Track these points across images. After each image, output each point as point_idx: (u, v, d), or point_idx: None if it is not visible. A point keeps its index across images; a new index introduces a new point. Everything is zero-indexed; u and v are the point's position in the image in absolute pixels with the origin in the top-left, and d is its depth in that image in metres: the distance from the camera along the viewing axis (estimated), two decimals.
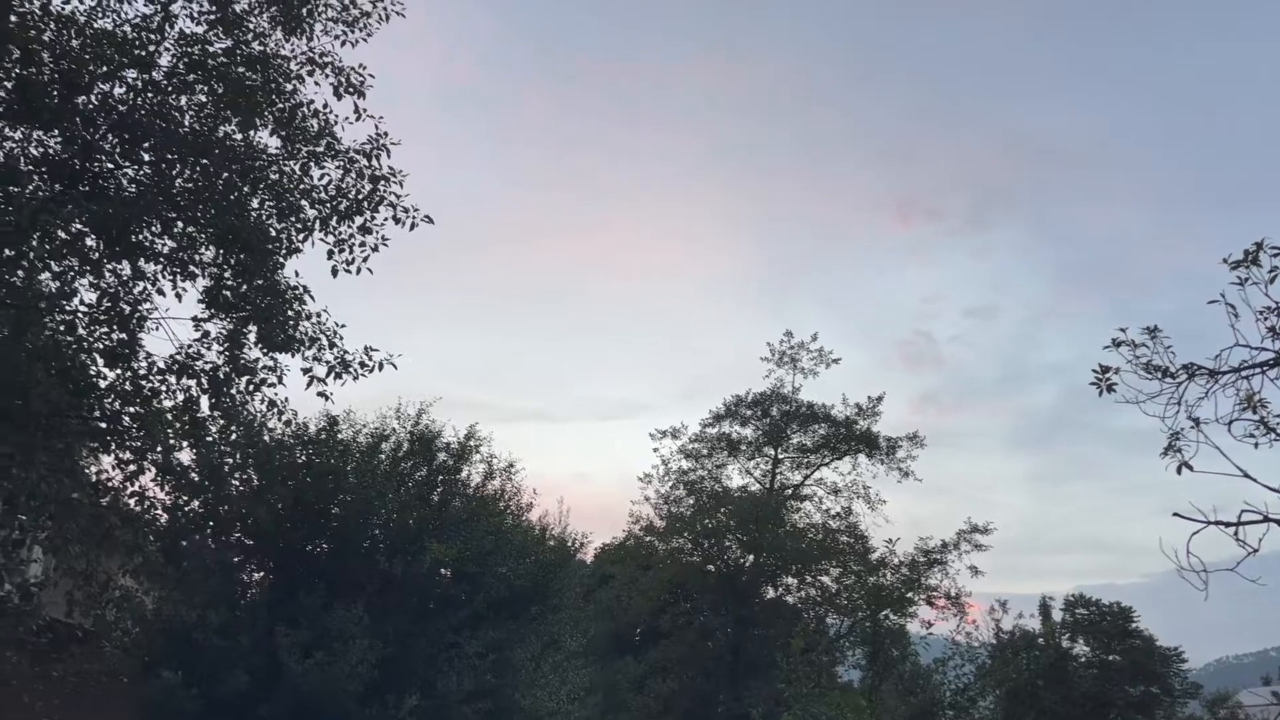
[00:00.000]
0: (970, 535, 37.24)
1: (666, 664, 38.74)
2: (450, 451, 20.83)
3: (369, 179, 14.26)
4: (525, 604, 20.23)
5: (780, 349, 41.41)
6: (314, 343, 14.06)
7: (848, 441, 40.52)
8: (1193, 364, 8.62)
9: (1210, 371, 8.62)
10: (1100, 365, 8.78)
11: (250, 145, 13.79)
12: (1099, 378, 8.80)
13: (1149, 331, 8.72)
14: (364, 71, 14.10)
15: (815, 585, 39.53)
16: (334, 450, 19.40)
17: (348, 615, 17.29)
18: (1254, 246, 8.26)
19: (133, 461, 13.22)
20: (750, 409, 41.81)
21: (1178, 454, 8.59)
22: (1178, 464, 8.56)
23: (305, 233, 14.21)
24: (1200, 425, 8.62)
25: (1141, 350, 8.73)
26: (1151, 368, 8.67)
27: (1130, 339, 8.75)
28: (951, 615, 36.12)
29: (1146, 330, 8.75)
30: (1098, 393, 8.83)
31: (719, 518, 39.22)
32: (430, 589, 19.01)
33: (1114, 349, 8.77)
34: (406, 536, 19.04)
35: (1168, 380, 8.68)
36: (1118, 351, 8.77)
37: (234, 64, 13.32)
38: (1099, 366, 8.78)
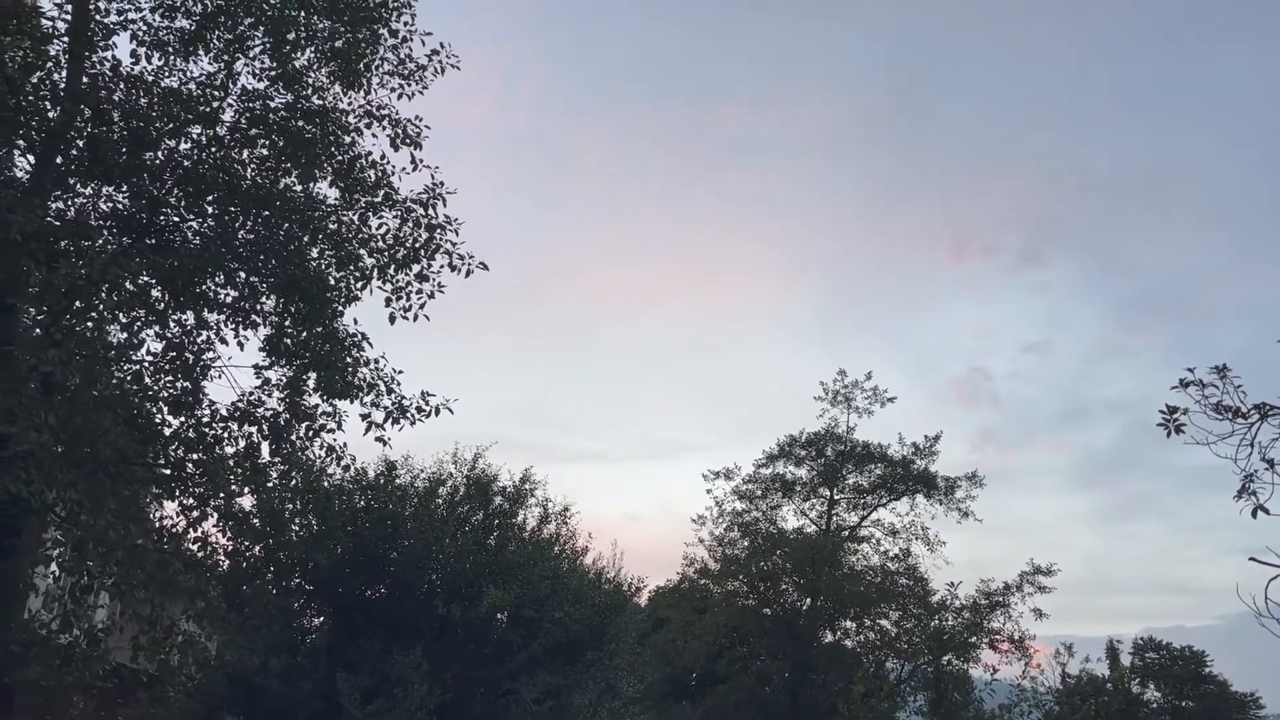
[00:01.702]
0: (1033, 576, 36.32)
1: (724, 710, 38.16)
2: (506, 495, 20.91)
3: (425, 227, 14.49)
4: (582, 649, 20.09)
5: (834, 388, 41.08)
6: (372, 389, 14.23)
7: (905, 482, 39.90)
8: (1265, 404, 8.35)
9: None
10: (1167, 406, 8.54)
11: (310, 196, 14.11)
12: (1166, 419, 8.56)
13: (1217, 371, 8.48)
14: (420, 123, 14.42)
15: (874, 629, 38.76)
16: (392, 495, 19.56)
17: (407, 661, 17.31)
18: None
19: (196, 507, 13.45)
20: (804, 449, 41.41)
21: (1252, 496, 8.32)
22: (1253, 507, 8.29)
23: (363, 281, 14.46)
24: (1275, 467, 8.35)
25: (1210, 390, 8.49)
26: (1221, 408, 8.41)
27: (1198, 379, 8.51)
28: (1015, 659, 35.20)
29: (1215, 370, 8.50)
30: (1165, 434, 8.59)
31: (775, 560, 38.74)
32: (488, 634, 18.97)
33: (1182, 389, 8.54)
34: (464, 581, 19.06)
35: (1239, 421, 8.42)
36: (1185, 392, 8.53)
37: (294, 118, 13.67)
38: (1166, 407, 8.54)
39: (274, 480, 14.64)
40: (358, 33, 13.60)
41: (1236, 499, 8.34)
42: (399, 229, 14.46)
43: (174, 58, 13.21)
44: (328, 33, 13.57)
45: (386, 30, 13.95)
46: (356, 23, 13.56)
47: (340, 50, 13.65)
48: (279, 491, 15.49)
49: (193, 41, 13.11)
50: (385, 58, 14.19)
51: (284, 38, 13.23)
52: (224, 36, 13.23)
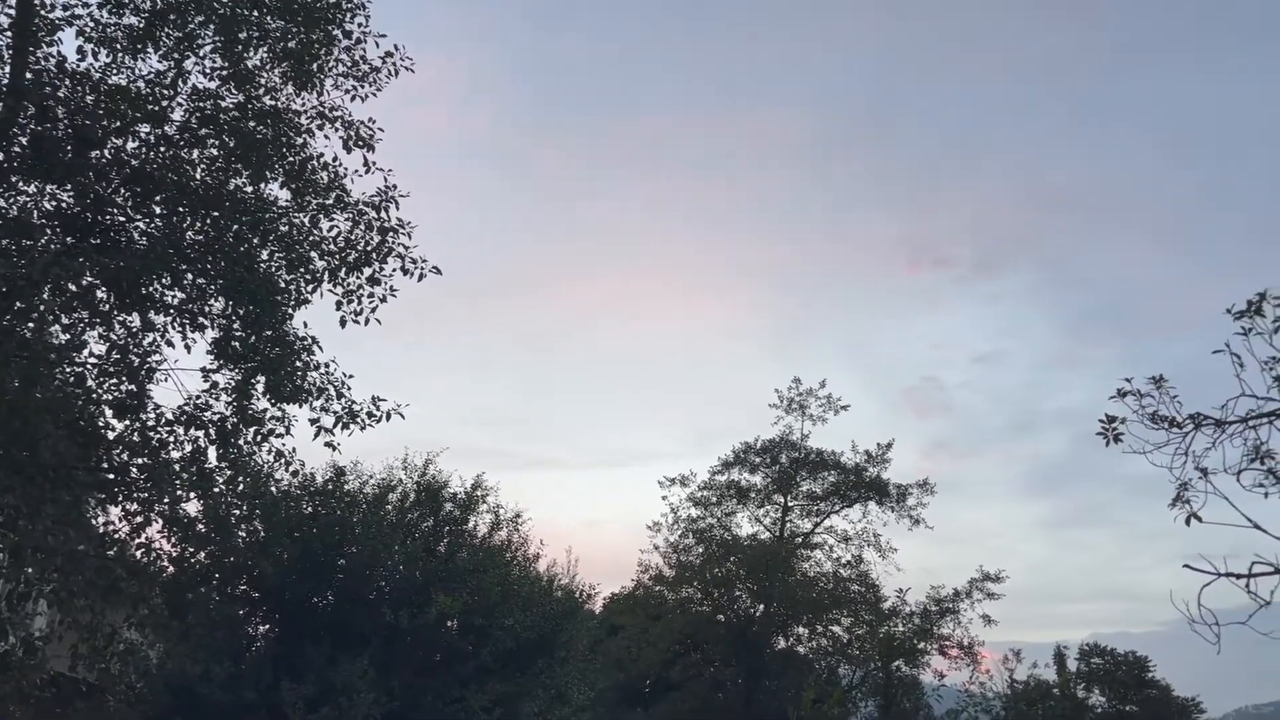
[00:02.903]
0: (982, 583, 36.86)
1: (677, 716, 38.21)
2: (457, 502, 20.78)
3: (378, 231, 14.39)
4: (532, 656, 20.02)
5: (789, 395, 41.42)
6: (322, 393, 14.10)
7: (858, 489, 40.29)
8: (1199, 414, 8.56)
9: (1217, 421, 8.56)
10: (1106, 415, 8.73)
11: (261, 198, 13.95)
12: (1105, 428, 8.75)
13: (1154, 381, 8.68)
14: (373, 125, 14.33)
15: (827, 635, 39.06)
16: (340, 501, 19.36)
17: (353, 668, 17.14)
18: (1257, 297, 8.24)
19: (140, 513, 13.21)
20: (759, 456, 41.67)
21: (1186, 505, 8.51)
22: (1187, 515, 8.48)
23: (314, 284, 14.32)
24: (1209, 475, 8.55)
25: (1147, 400, 8.69)
26: (1158, 418, 8.62)
27: (1136, 389, 8.71)
28: (964, 665, 35.65)
29: (1152, 380, 8.71)
30: (1104, 443, 8.77)
31: (729, 566, 38.90)
32: (436, 642, 18.83)
33: (1119, 399, 8.73)
34: (413, 588, 18.91)
35: (1174, 430, 8.62)
36: (1123, 401, 8.73)
37: (245, 118, 13.53)
38: (1105, 417, 8.73)
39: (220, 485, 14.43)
40: (311, 33, 13.49)
41: (1171, 507, 8.54)
42: (351, 232, 14.34)
43: (122, 55, 13.01)
44: (280, 32, 13.45)
45: (340, 31, 13.85)
46: (310, 23, 13.45)
47: (293, 50, 13.53)
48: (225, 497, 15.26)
49: (141, 39, 12.92)
50: (339, 59, 14.08)
51: (235, 37, 13.08)
52: (174, 34, 13.05)
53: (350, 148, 14.24)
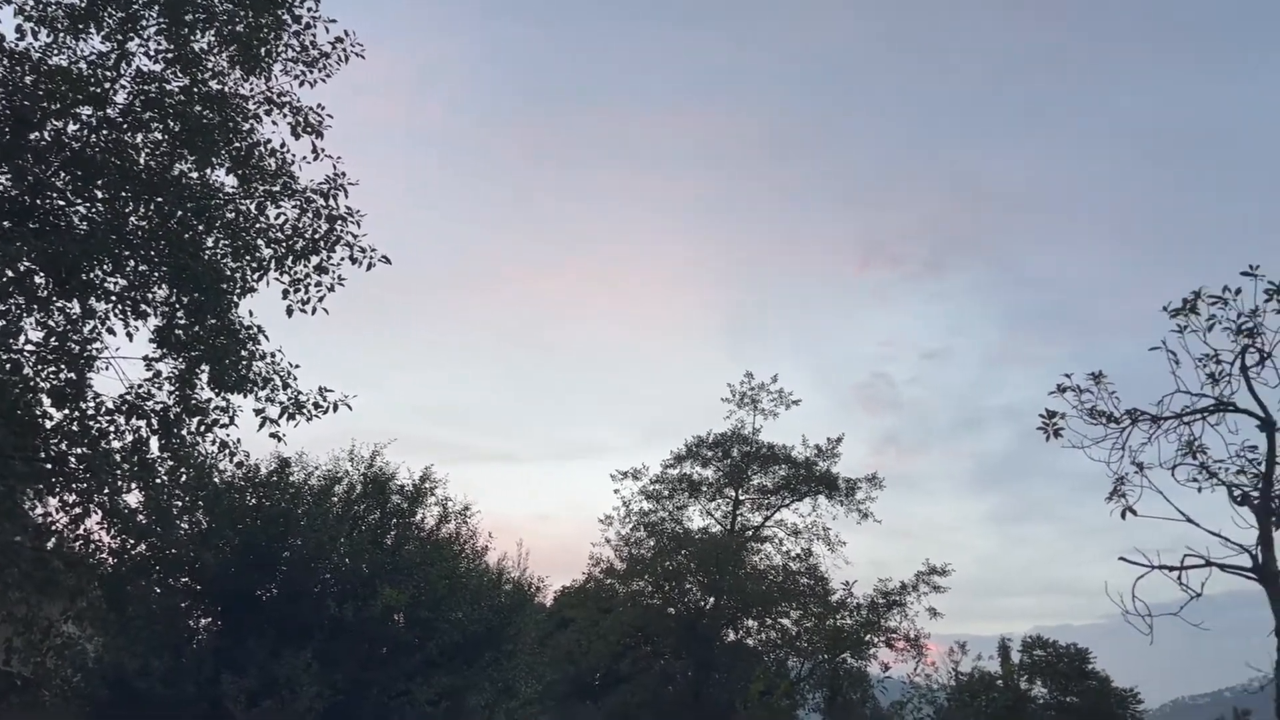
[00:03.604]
0: (929, 577, 37.34)
1: (626, 709, 38.27)
2: (404, 494, 20.58)
3: (326, 218, 14.24)
4: (479, 650, 19.90)
5: (741, 390, 41.59)
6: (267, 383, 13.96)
7: (808, 483, 40.59)
8: (1136, 410, 8.78)
9: (1153, 417, 8.78)
10: (1046, 410, 8.92)
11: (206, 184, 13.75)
12: (1045, 423, 8.93)
13: (1093, 377, 8.88)
14: (322, 111, 14.15)
15: (776, 628, 39.35)
16: (285, 493, 19.10)
17: (296, 662, 16.92)
18: (1192, 295, 8.45)
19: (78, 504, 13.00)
20: (711, 450, 41.81)
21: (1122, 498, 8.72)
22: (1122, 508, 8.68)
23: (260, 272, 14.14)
24: (1144, 470, 8.77)
25: (1086, 396, 8.88)
26: (1096, 413, 8.82)
27: (1075, 385, 8.90)
28: (910, 657, 36.12)
29: (1091, 376, 8.91)
30: (1044, 438, 8.95)
31: (680, 559, 39.02)
32: (382, 635, 18.67)
33: (1059, 395, 8.91)
34: (358, 581, 18.71)
35: (1112, 426, 8.82)
36: (1063, 397, 8.91)
37: (191, 102, 13.28)
38: (1045, 412, 8.91)
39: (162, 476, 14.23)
40: (259, 16, 13.27)
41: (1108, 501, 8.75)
42: (298, 219, 14.18)
43: (63, 35, 12.70)
44: (228, 15, 13.22)
45: (289, 15, 13.63)
46: (258, 6, 13.23)
47: (241, 34, 13.30)
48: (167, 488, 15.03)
49: (83, 19, 12.62)
50: (288, 44, 13.87)
51: (181, 19, 12.83)
52: (116, 14, 12.77)
53: (299, 134, 14.06)
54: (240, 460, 14.54)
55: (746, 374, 41.65)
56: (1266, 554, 8.14)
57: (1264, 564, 8.12)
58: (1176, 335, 8.55)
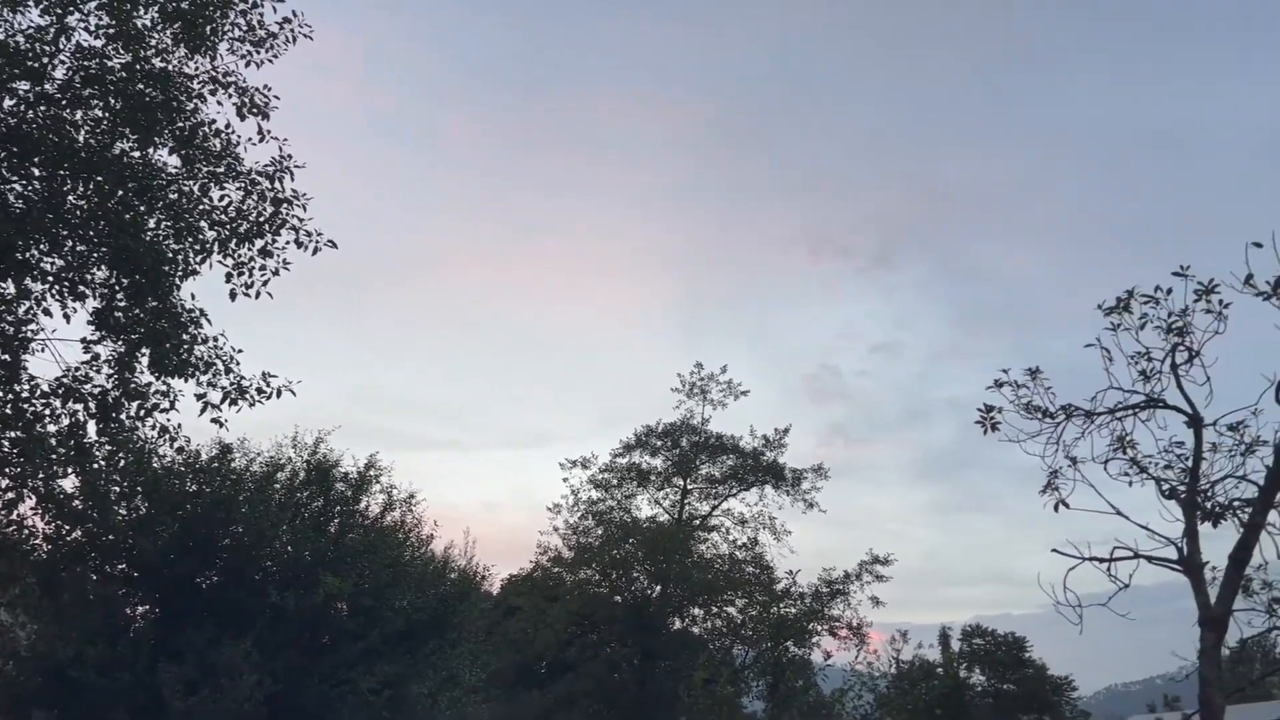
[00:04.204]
0: (872, 566, 37.81)
1: (572, 697, 38.31)
2: (349, 482, 20.38)
3: (271, 201, 14.07)
4: (423, 638, 19.82)
5: (690, 380, 41.68)
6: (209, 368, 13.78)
7: (755, 473, 40.84)
8: (1070, 405, 8.97)
9: (1086, 413, 8.99)
10: (984, 405, 9.09)
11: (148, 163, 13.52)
12: (983, 417, 9.10)
13: (1030, 373, 9.07)
14: (269, 92, 13.96)
15: (721, 616, 39.61)
16: (226, 479, 18.84)
17: (236, 650, 16.72)
18: (1125, 294, 8.65)
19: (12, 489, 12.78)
20: (660, 439, 41.89)
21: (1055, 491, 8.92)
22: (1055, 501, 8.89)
23: (203, 255, 13.95)
24: (1077, 464, 8.98)
25: (1023, 391, 9.07)
26: (1032, 408, 9.00)
27: (1013, 380, 9.08)
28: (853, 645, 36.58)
29: (1028, 372, 9.09)
30: (982, 431, 9.13)
31: (627, 548, 39.10)
32: (324, 623, 18.52)
33: (997, 389, 9.08)
34: (300, 569, 18.53)
35: (1047, 420, 9.02)
36: (1000, 392, 9.08)
37: (133, 80, 13.03)
38: (983, 406, 9.09)
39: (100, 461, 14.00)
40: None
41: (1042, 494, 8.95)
42: (242, 201, 14.00)
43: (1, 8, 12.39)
44: None
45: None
46: None
47: (185, 11, 13.07)
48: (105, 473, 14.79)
49: None
50: (234, 23, 13.68)
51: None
52: None
53: (244, 115, 13.86)
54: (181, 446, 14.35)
55: (696, 364, 41.77)
56: (1192, 547, 8.38)
57: (1189, 556, 8.36)
58: (1110, 333, 8.77)
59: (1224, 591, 8.11)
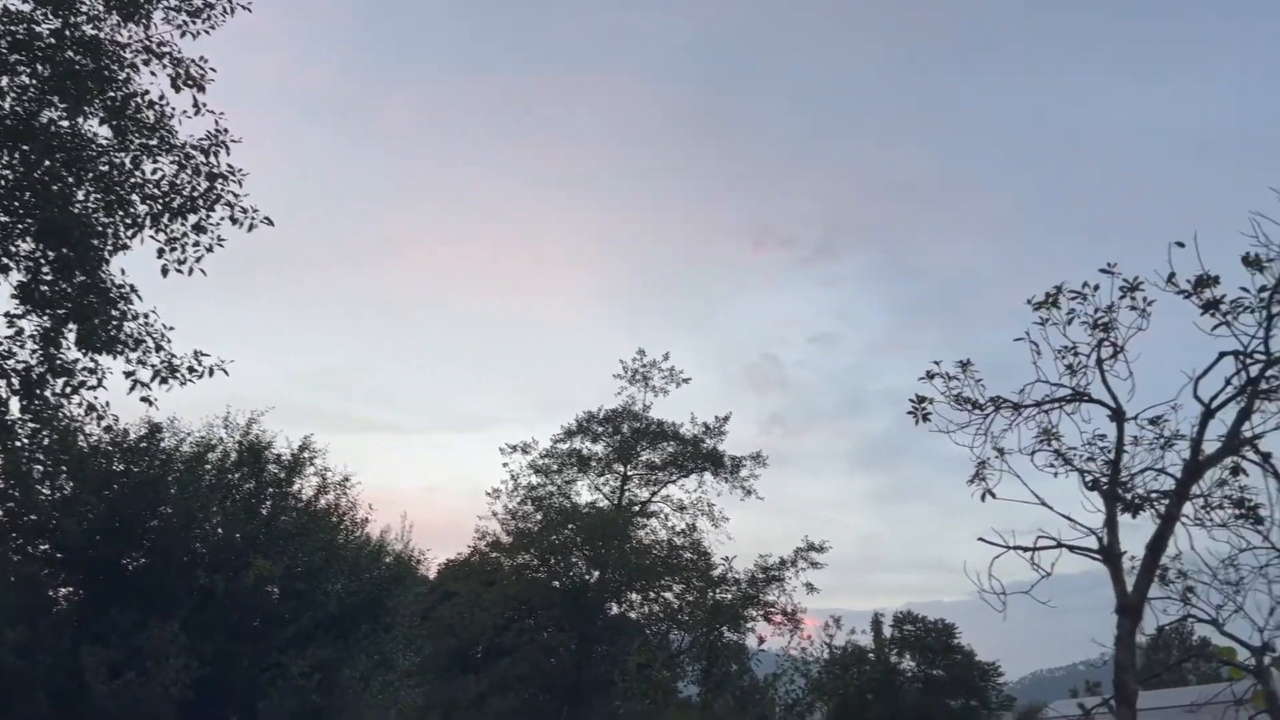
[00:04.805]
0: (807, 553, 38.32)
1: (508, 681, 38.28)
2: (281, 463, 20.05)
3: (206, 176, 13.85)
4: (356, 622, 19.62)
5: (633, 367, 41.81)
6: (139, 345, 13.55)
7: (694, 460, 41.11)
8: (999, 397, 9.18)
9: (1014, 405, 9.20)
10: (916, 396, 9.26)
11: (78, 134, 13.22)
12: (915, 407, 9.27)
13: (961, 365, 9.25)
14: (205, 64, 13.68)
15: (659, 601, 39.83)
16: (155, 459, 18.45)
17: (162, 633, 16.40)
18: (1054, 290, 8.86)
19: None
20: (602, 425, 41.96)
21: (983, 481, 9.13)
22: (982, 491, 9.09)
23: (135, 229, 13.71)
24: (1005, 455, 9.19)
25: (954, 383, 9.25)
26: (962, 399, 9.19)
27: (944, 372, 9.26)
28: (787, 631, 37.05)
29: (959, 364, 9.27)
30: (914, 422, 9.30)
31: (566, 533, 39.11)
32: (254, 606, 18.24)
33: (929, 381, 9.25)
34: (231, 551, 18.21)
35: (976, 412, 9.22)
36: (932, 383, 9.26)
37: (62, 47, 12.71)
38: (915, 397, 9.25)
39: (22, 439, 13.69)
40: None
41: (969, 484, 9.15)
42: (176, 175, 13.76)
43: None
44: None
45: None
46: None
47: None
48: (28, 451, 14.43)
49: None
50: None
51: None
52: None
53: (179, 86, 13.57)
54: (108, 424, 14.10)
55: (639, 351, 41.90)
56: (1111, 536, 8.64)
57: (1109, 546, 8.61)
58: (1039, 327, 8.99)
59: (1140, 580, 8.37)
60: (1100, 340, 8.82)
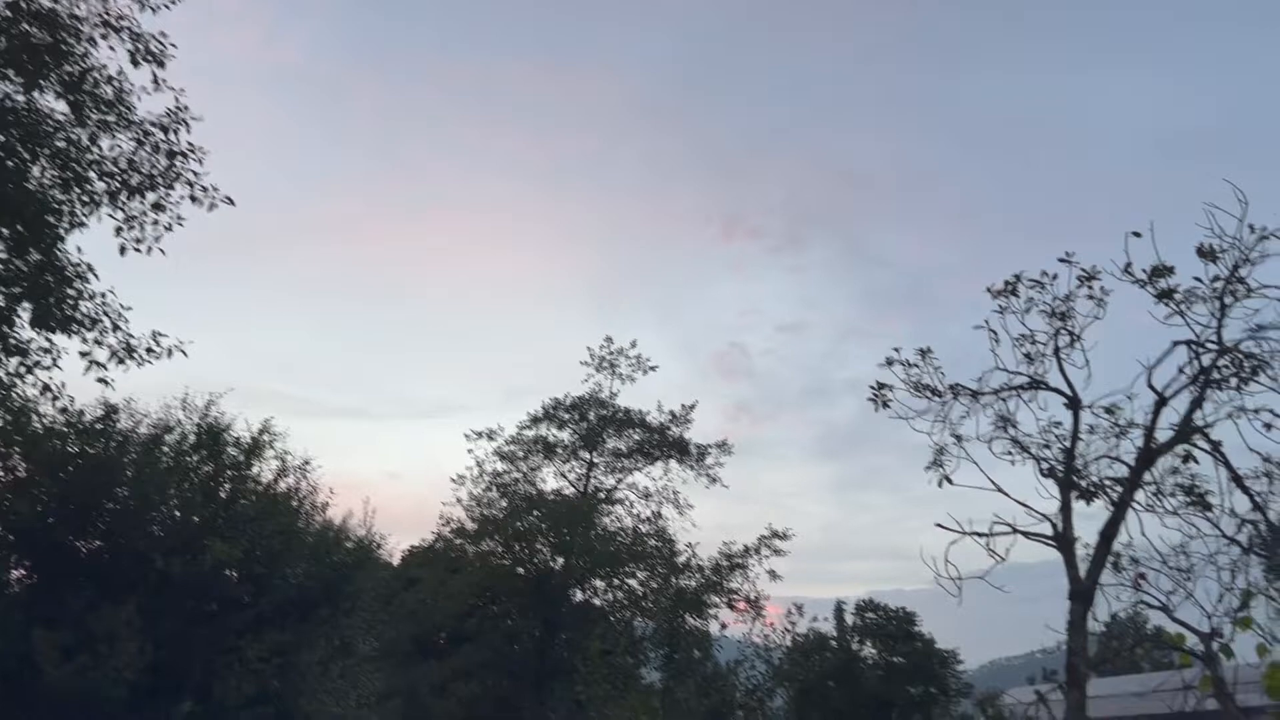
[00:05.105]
0: (770, 540, 38.55)
1: (470, 668, 38.24)
2: (241, 446, 19.78)
3: (165, 154, 13.69)
4: (315, 606, 19.42)
5: (600, 354, 41.78)
6: (96, 324, 13.40)
7: (660, 447, 41.19)
8: (958, 384, 9.27)
9: (973, 392, 9.30)
10: (876, 382, 9.33)
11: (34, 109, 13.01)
12: (875, 394, 9.34)
13: (920, 353, 9.33)
14: (165, 40, 13.47)
15: (623, 588, 39.92)
16: (111, 441, 18.15)
17: (115, 616, 16.14)
18: (1013, 278, 8.96)
19: None
20: (568, 412, 41.92)
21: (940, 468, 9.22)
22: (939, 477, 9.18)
23: (92, 207, 13.53)
24: (962, 442, 9.30)
25: (914, 370, 9.33)
26: (921, 386, 9.27)
27: (904, 359, 9.34)
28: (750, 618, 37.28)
29: (919, 351, 9.36)
30: (874, 408, 9.37)
31: (531, 520, 39.08)
32: (211, 590, 18.00)
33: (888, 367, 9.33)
34: (188, 535, 17.96)
35: (935, 399, 9.31)
36: (891, 370, 9.34)
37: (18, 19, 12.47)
38: (875, 384, 9.33)
39: None
40: None
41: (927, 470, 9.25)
42: (135, 153, 13.58)
43: None
44: None
45: None
46: None
47: None
48: None
49: None
50: None
51: None
52: None
53: (138, 62, 13.37)
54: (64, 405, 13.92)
55: (606, 338, 41.86)
56: (1065, 523, 8.77)
57: (1063, 532, 8.74)
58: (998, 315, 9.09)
59: (1092, 566, 8.51)
60: (1058, 329, 8.93)
